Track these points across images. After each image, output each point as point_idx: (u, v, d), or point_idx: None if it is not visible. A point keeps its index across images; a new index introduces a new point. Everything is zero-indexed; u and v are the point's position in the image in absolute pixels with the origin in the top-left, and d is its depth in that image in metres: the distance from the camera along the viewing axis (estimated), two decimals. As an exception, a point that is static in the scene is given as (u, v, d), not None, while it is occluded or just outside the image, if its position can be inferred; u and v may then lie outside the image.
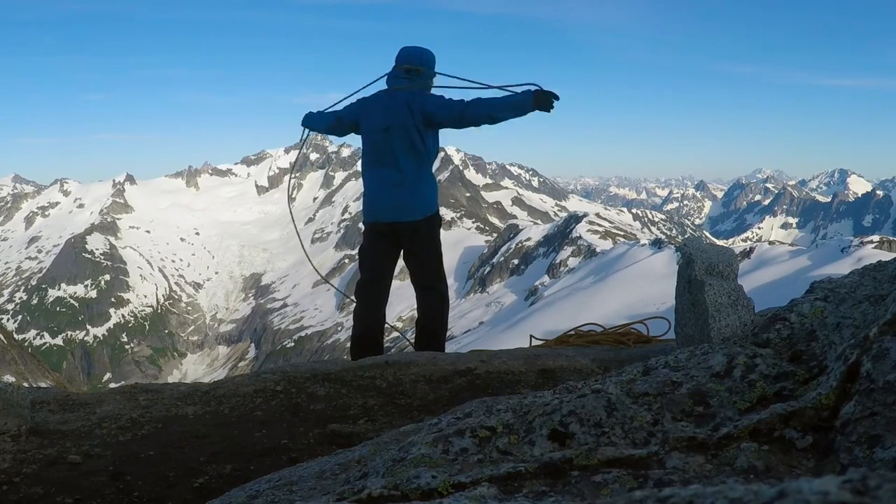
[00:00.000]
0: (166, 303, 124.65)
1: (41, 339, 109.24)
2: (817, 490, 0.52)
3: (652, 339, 4.35)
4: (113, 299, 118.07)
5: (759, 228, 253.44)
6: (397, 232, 4.23)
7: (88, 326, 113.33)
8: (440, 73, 4.28)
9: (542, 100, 3.86)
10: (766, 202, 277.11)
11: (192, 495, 2.21)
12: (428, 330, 4.32)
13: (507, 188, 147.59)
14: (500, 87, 4.09)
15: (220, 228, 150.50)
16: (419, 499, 1.12)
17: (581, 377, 3.00)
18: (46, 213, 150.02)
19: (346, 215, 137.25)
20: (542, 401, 1.36)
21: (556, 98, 3.87)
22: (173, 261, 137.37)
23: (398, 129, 4.07)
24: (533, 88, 3.90)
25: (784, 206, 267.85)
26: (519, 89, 3.96)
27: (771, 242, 65.28)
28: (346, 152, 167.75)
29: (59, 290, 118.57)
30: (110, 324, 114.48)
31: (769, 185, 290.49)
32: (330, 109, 4.60)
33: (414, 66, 4.17)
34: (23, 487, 2.26)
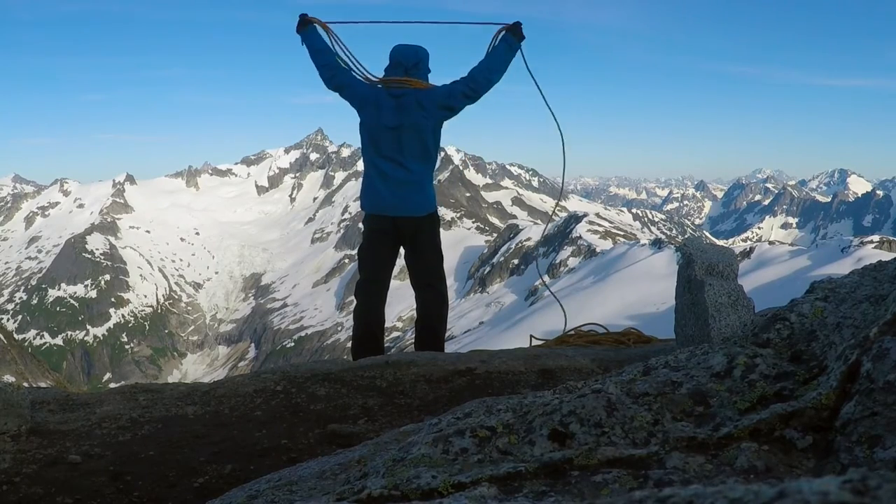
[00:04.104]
0: (166, 303, 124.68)
1: (41, 339, 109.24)
2: (817, 490, 0.52)
3: (652, 339, 4.36)
4: (113, 299, 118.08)
5: (759, 228, 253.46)
6: (399, 228, 4.24)
7: (88, 326, 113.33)
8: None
9: (517, 33, 4.22)
10: (766, 202, 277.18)
11: (192, 495, 2.21)
12: (428, 329, 4.33)
13: (507, 188, 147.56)
14: (476, 24, 4.55)
15: (220, 228, 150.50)
16: (419, 499, 1.12)
17: (581, 377, 3.00)
18: (46, 213, 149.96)
19: (346, 215, 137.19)
20: (542, 401, 1.36)
21: (520, 25, 4.25)
22: (173, 261, 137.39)
23: (410, 129, 4.08)
24: (505, 29, 4.24)
25: (784, 206, 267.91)
26: (494, 29, 4.31)
27: (771, 242, 65.21)
28: (346, 152, 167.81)
29: (59, 290, 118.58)
30: (110, 324, 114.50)
31: (769, 185, 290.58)
32: (333, 46, 4.35)
33: (411, 64, 4.18)
34: (23, 487, 2.26)
